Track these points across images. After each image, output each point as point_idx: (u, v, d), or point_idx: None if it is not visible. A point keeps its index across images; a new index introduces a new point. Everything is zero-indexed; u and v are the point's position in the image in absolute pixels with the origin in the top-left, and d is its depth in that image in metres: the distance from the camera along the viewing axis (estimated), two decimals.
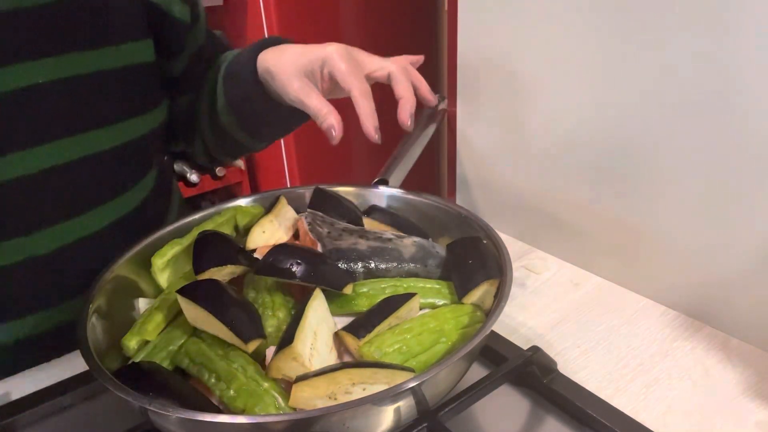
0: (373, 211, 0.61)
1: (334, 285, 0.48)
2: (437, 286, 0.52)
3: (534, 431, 0.49)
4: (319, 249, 0.52)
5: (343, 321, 0.49)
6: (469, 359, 0.46)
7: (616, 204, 0.65)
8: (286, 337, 0.43)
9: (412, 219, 0.61)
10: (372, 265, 0.52)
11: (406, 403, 0.40)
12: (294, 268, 0.47)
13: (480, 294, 0.49)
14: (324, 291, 0.48)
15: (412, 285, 0.51)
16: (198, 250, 0.52)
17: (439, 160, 1.92)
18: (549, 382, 0.51)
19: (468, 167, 0.82)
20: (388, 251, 0.53)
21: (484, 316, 0.49)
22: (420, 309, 0.50)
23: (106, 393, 0.52)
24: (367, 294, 0.50)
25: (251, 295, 0.50)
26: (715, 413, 0.50)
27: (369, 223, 0.60)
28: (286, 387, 0.43)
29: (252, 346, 0.44)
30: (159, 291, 0.54)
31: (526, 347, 0.53)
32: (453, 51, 0.77)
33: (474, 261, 0.51)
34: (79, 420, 0.52)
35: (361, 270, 0.52)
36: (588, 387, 0.51)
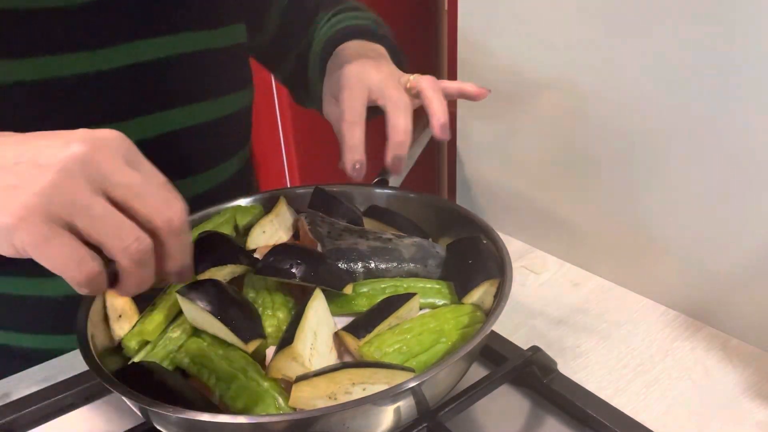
0: (373, 211, 0.61)
1: (334, 285, 0.48)
2: (437, 286, 0.52)
3: (534, 431, 0.49)
4: (319, 249, 0.52)
5: (343, 321, 0.49)
6: (469, 359, 0.46)
7: (616, 204, 0.65)
8: (286, 337, 0.43)
9: (412, 219, 0.61)
10: (372, 265, 0.52)
11: (406, 403, 0.40)
12: (294, 268, 0.47)
13: (480, 294, 0.49)
14: (324, 291, 0.48)
15: (412, 285, 0.51)
16: (198, 250, 0.52)
17: (439, 160, 1.92)
18: (549, 382, 0.51)
19: (468, 167, 0.82)
20: (388, 251, 0.53)
21: (484, 316, 0.49)
22: (420, 309, 0.50)
23: (106, 393, 0.53)
24: (367, 294, 0.50)
25: (251, 295, 0.50)
26: (715, 413, 0.50)
27: (369, 223, 0.60)
28: (286, 387, 0.43)
29: (252, 346, 0.44)
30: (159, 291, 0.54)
31: (526, 347, 0.53)
32: (453, 51, 0.77)
33: (474, 261, 0.51)
34: (79, 420, 0.52)
35: (361, 270, 0.52)
36: (588, 387, 0.51)
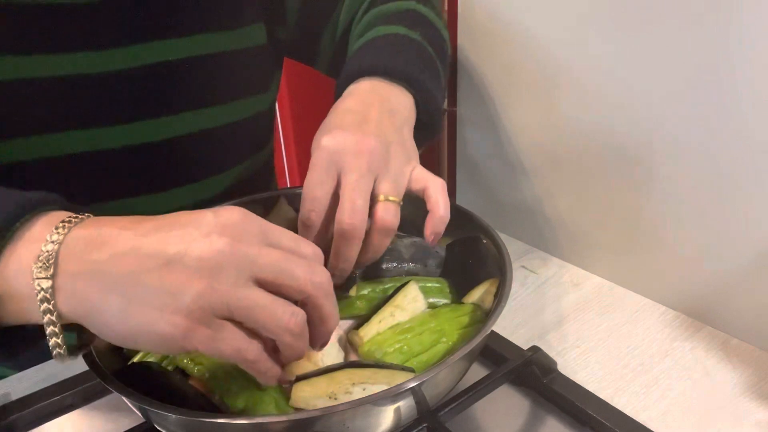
0: None
1: (336, 288, 0.48)
2: (438, 285, 0.52)
3: (534, 431, 0.49)
4: None
5: (344, 323, 0.49)
6: (469, 359, 0.46)
7: (616, 204, 0.65)
8: None
9: (412, 219, 0.61)
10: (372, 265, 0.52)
11: (406, 403, 0.40)
12: None
13: (480, 294, 0.50)
14: None
15: None
16: None
17: (439, 160, 1.92)
18: (549, 382, 0.51)
19: (468, 167, 0.82)
20: (388, 251, 0.53)
21: (484, 315, 0.49)
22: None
23: (106, 393, 0.53)
24: (368, 296, 0.51)
25: None
26: (715, 413, 0.50)
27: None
28: (287, 387, 0.43)
29: None
30: None
31: (526, 347, 0.53)
32: (453, 51, 0.77)
33: (474, 261, 0.51)
34: (79, 420, 0.52)
35: (361, 270, 0.52)
36: (588, 387, 0.51)
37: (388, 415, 0.40)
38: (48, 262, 0.34)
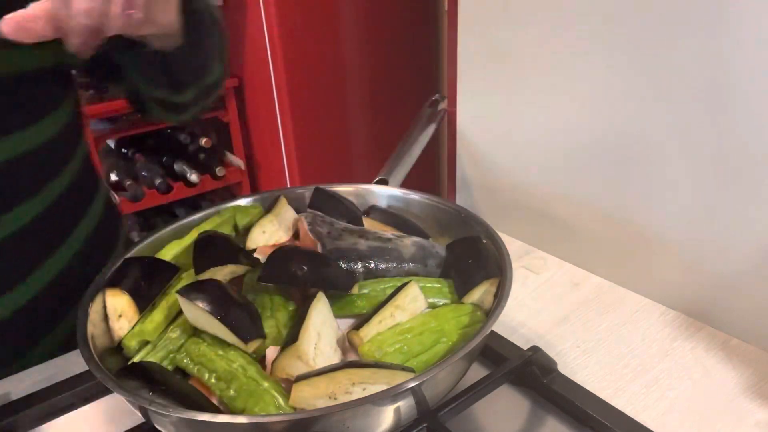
0: (373, 211, 0.61)
1: (340, 287, 0.48)
2: (438, 285, 0.52)
3: (534, 431, 0.49)
4: (319, 249, 0.52)
5: (344, 323, 0.49)
6: (469, 359, 0.46)
7: (616, 204, 0.65)
8: (290, 337, 0.43)
9: (412, 219, 0.61)
10: (372, 265, 0.53)
11: (406, 403, 0.40)
12: (296, 273, 0.47)
13: (480, 294, 0.49)
14: (326, 292, 0.48)
15: None
16: (198, 250, 0.52)
17: (439, 160, 1.92)
18: (549, 382, 0.51)
19: (468, 167, 0.82)
20: (388, 251, 0.53)
21: (484, 315, 0.49)
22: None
23: (106, 393, 0.53)
24: (368, 296, 0.51)
25: (250, 296, 0.50)
26: (715, 413, 0.50)
27: (369, 223, 0.60)
28: (286, 387, 0.43)
29: (252, 346, 0.44)
30: None
31: (526, 347, 0.53)
32: (453, 51, 0.77)
33: (474, 261, 0.51)
34: (79, 420, 0.52)
35: (361, 270, 0.52)
36: (588, 387, 0.51)
37: (388, 415, 0.40)
38: None
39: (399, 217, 0.61)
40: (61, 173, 0.63)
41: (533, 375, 0.51)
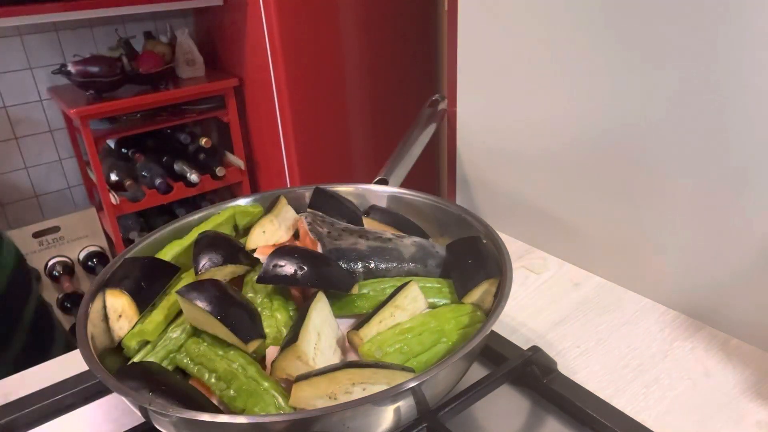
0: (373, 211, 0.61)
1: (340, 287, 0.48)
2: (437, 285, 0.52)
3: (534, 431, 0.49)
4: (319, 249, 0.52)
5: (344, 322, 0.49)
6: (469, 359, 0.46)
7: (616, 204, 0.65)
8: (290, 337, 0.43)
9: (412, 219, 0.61)
10: (372, 265, 0.52)
11: (406, 403, 0.40)
12: (296, 273, 0.47)
13: (480, 294, 0.49)
14: (326, 292, 0.48)
15: None
16: (198, 250, 0.52)
17: (439, 160, 1.92)
18: (549, 382, 0.51)
19: (468, 167, 0.82)
20: (388, 251, 0.53)
21: (484, 315, 0.49)
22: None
23: (106, 393, 0.53)
24: (368, 296, 0.51)
25: (250, 296, 0.50)
26: (715, 413, 0.50)
27: (369, 223, 0.60)
28: (286, 387, 0.43)
29: (252, 346, 0.44)
30: None
31: (526, 347, 0.53)
32: (453, 51, 0.77)
33: (474, 261, 0.51)
34: (79, 420, 0.52)
35: (361, 270, 0.52)
36: (588, 387, 0.51)
37: (388, 415, 0.40)
38: None
39: (399, 217, 0.61)
40: None
41: (533, 375, 0.51)
